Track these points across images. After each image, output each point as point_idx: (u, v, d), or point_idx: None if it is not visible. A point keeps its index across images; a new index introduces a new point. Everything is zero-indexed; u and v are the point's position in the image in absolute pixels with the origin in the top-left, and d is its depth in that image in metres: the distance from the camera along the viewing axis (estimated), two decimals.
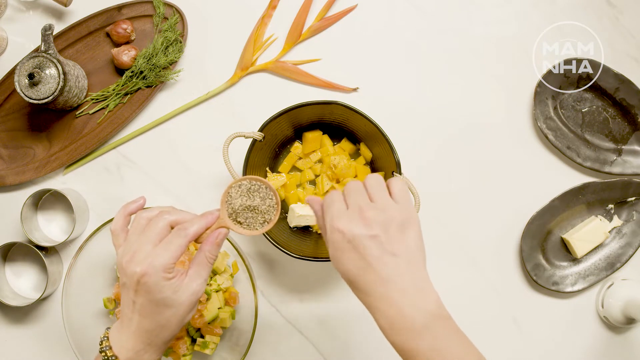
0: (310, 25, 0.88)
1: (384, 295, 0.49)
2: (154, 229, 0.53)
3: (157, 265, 0.51)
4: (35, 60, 0.80)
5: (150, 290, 0.51)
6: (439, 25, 0.89)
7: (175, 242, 0.53)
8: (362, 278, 0.50)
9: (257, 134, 0.77)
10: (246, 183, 0.58)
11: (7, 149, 0.87)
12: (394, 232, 0.50)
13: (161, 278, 0.51)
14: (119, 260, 0.54)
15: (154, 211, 0.55)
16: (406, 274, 0.50)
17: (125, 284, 0.53)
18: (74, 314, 0.77)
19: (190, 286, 0.53)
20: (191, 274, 0.54)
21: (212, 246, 0.55)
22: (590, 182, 0.86)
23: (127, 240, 0.54)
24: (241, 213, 0.57)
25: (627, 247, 0.86)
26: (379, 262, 0.49)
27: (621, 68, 0.85)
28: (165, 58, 0.86)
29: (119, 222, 0.56)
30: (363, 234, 0.50)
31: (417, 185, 0.75)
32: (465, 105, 0.88)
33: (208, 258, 0.55)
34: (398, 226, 0.51)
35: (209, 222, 0.56)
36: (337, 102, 0.77)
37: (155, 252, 0.52)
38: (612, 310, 0.83)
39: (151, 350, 0.54)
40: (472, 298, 0.86)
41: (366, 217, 0.50)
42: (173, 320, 0.53)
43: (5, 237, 0.86)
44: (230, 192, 0.57)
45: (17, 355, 0.86)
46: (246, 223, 0.57)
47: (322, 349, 0.85)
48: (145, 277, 0.51)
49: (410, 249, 0.51)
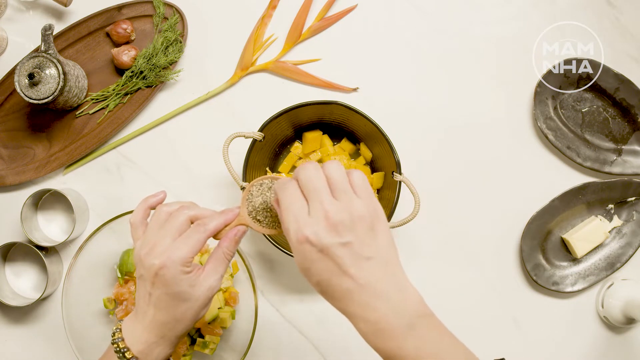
0: (310, 25, 0.88)
1: (363, 301, 0.47)
2: (174, 223, 0.53)
3: (175, 258, 0.51)
4: (35, 60, 0.80)
5: (168, 283, 0.52)
6: (439, 25, 0.89)
7: (194, 237, 0.53)
8: (338, 287, 0.47)
9: (257, 134, 0.77)
10: (268, 182, 0.57)
11: (7, 149, 0.87)
12: (364, 233, 0.47)
13: (179, 272, 0.51)
14: (137, 252, 0.54)
15: (174, 206, 0.55)
16: (384, 276, 0.47)
17: (142, 276, 0.53)
18: (74, 314, 0.77)
19: (207, 281, 0.54)
20: (208, 269, 0.54)
21: (231, 243, 0.55)
22: (590, 182, 0.86)
23: (146, 233, 0.54)
24: (261, 212, 0.57)
25: (627, 247, 0.86)
26: (355, 268, 0.46)
27: (621, 68, 0.85)
28: (165, 58, 0.86)
29: (139, 214, 0.56)
30: (334, 242, 0.46)
31: (416, 185, 0.75)
32: (465, 105, 0.88)
33: (226, 254, 0.55)
34: (368, 226, 0.47)
35: (228, 218, 0.56)
36: (337, 102, 0.77)
37: (174, 246, 0.52)
38: (612, 310, 0.83)
39: (164, 343, 0.54)
40: (472, 298, 0.86)
41: (334, 222, 0.46)
42: (188, 315, 0.53)
43: (5, 237, 0.86)
44: (252, 190, 0.57)
45: (17, 355, 0.86)
46: (265, 222, 0.57)
47: (322, 349, 0.85)
48: (163, 269, 0.51)
49: (383, 249, 0.48)
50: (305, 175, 0.48)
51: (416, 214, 0.74)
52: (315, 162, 0.50)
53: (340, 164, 0.49)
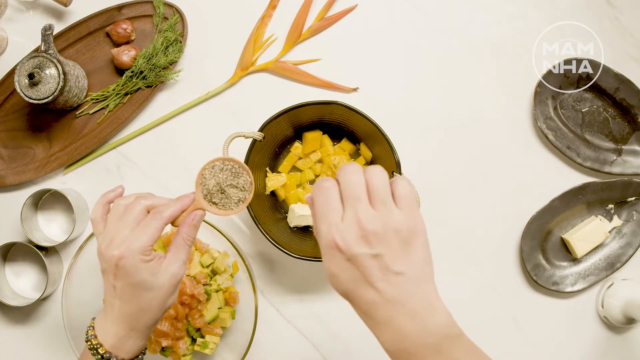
0: (310, 25, 0.88)
1: (387, 317, 0.45)
2: (131, 214, 0.54)
3: (134, 248, 0.52)
4: (35, 60, 0.80)
5: (129, 274, 0.52)
6: (439, 25, 0.89)
7: (151, 225, 0.53)
8: (364, 299, 0.45)
9: (257, 134, 0.77)
10: (219, 164, 0.58)
11: (7, 149, 0.87)
12: (398, 247, 0.44)
13: (139, 260, 0.52)
14: (98, 246, 0.54)
15: (130, 198, 0.56)
16: (413, 294, 0.45)
17: (105, 270, 0.54)
18: (74, 314, 0.78)
19: (169, 268, 0.54)
20: (169, 256, 0.55)
21: (189, 228, 0.56)
22: (590, 182, 0.86)
23: (106, 228, 0.55)
24: (215, 194, 0.57)
25: (627, 247, 0.86)
26: (382, 282, 0.44)
27: (621, 68, 0.85)
28: (165, 58, 0.86)
29: (98, 210, 0.57)
30: (364, 252, 0.44)
31: (417, 185, 0.75)
32: (465, 105, 0.88)
33: (185, 240, 0.55)
34: (403, 239, 0.45)
35: (184, 204, 0.56)
36: (337, 102, 0.77)
37: (132, 236, 0.52)
38: (612, 310, 0.83)
39: (135, 335, 0.55)
40: (472, 298, 0.86)
41: (366, 231, 0.44)
42: (154, 304, 0.54)
43: (5, 237, 0.86)
44: (204, 173, 0.58)
45: (17, 355, 0.86)
46: (221, 203, 0.58)
47: (322, 349, 0.85)
48: (123, 260, 0.52)
49: (417, 264, 0.45)
50: (345, 179, 0.46)
51: None
52: (357, 165, 0.47)
53: (383, 171, 0.47)
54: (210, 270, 0.81)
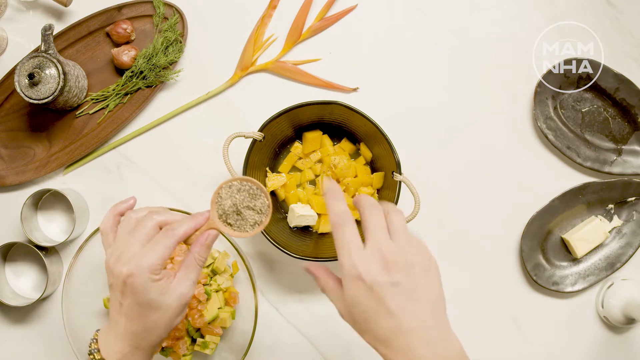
0: (310, 25, 0.88)
1: (404, 346, 0.46)
2: (142, 229, 0.52)
3: (143, 265, 0.50)
4: (35, 60, 0.80)
5: (137, 292, 0.50)
6: (439, 25, 0.89)
7: (162, 243, 0.51)
8: (382, 328, 0.47)
9: (257, 134, 0.77)
10: (237, 184, 0.56)
11: (7, 149, 0.87)
12: (416, 277, 0.48)
13: (148, 279, 0.50)
14: (107, 260, 0.53)
15: (143, 212, 0.54)
16: (430, 323, 0.47)
17: (112, 285, 0.52)
18: (74, 314, 0.77)
19: (178, 288, 0.52)
20: (179, 276, 0.53)
21: (202, 248, 0.54)
22: (590, 182, 0.86)
23: (116, 241, 0.53)
24: (231, 215, 0.56)
25: (627, 247, 0.86)
26: (401, 311, 0.46)
27: (621, 68, 0.85)
28: (165, 58, 0.86)
29: (108, 221, 0.56)
30: (386, 281, 0.46)
31: (416, 185, 0.75)
32: (465, 105, 0.88)
33: (197, 260, 0.54)
34: (421, 271, 0.48)
35: (198, 223, 0.54)
36: (337, 102, 0.77)
37: (142, 253, 0.51)
38: (612, 310, 0.83)
39: (138, 354, 0.53)
40: (472, 298, 0.86)
41: (388, 261, 0.47)
42: (160, 324, 0.52)
43: (5, 237, 0.86)
44: (221, 192, 0.56)
45: (17, 355, 0.86)
46: (236, 225, 0.56)
47: (322, 349, 0.85)
48: (131, 277, 0.50)
49: (433, 295, 0.48)
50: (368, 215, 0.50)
51: (416, 214, 0.74)
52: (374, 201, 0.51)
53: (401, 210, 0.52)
54: (210, 270, 0.81)
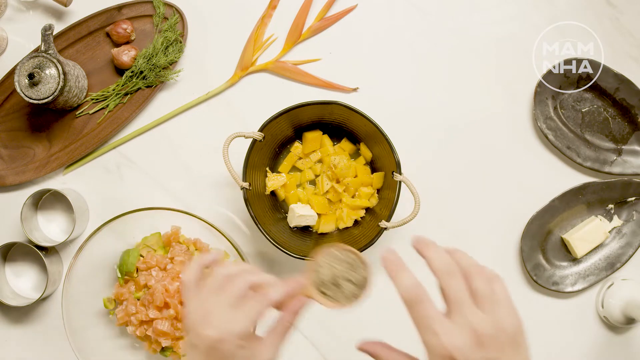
0: (310, 25, 0.88)
1: None
2: (233, 290, 0.50)
3: (234, 332, 0.48)
4: (35, 60, 0.80)
5: (224, 358, 0.48)
6: (439, 25, 0.89)
7: (255, 309, 0.49)
8: None
9: (257, 134, 0.77)
10: (338, 253, 0.54)
11: (7, 149, 0.87)
12: (509, 348, 0.44)
13: (237, 346, 0.48)
14: (190, 317, 0.50)
15: (234, 269, 0.52)
16: None
17: (195, 346, 0.49)
18: (74, 314, 0.77)
19: (264, 354, 0.50)
20: (267, 342, 0.51)
21: (293, 315, 0.52)
22: (590, 182, 0.86)
23: (200, 297, 0.50)
24: (328, 285, 0.54)
25: (627, 247, 0.86)
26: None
27: (621, 68, 0.85)
28: (165, 58, 0.86)
29: (192, 273, 0.52)
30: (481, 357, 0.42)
31: (416, 185, 0.75)
32: (465, 105, 0.88)
33: (287, 328, 0.52)
34: (512, 340, 0.44)
35: (293, 290, 0.52)
36: (337, 102, 0.77)
37: (233, 318, 0.48)
38: (612, 310, 0.83)
39: None
40: None
41: (481, 335, 0.42)
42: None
43: (5, 237, 0.86)
44: (319, 260, 0.54)
45: (17, 355, 0.86)
46: (334, 296, 0.54)
47: (322, 349, 0.85)
48: (221, 343, 0.48)
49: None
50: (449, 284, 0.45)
51: (416, 214, 0.74)
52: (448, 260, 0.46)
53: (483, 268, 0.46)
54: None
